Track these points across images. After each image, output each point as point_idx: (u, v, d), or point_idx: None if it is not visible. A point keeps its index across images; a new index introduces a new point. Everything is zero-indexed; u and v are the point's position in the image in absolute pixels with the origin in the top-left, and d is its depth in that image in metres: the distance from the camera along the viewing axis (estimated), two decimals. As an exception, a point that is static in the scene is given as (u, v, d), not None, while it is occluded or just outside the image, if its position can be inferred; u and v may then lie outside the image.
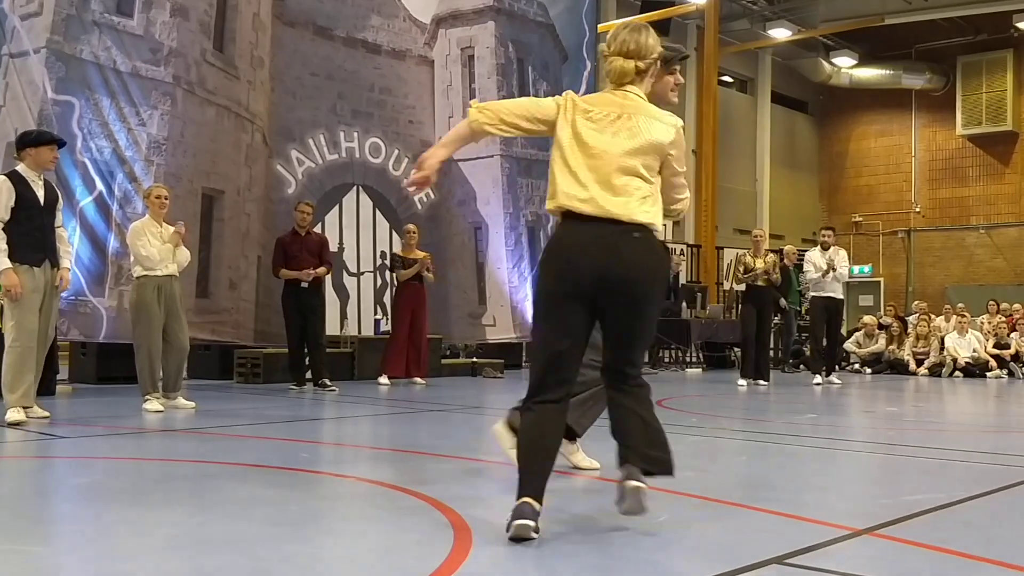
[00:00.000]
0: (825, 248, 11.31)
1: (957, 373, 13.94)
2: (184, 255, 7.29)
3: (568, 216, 3.14)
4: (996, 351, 14.43)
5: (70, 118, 9.01)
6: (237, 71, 10.50)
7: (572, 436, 4.20)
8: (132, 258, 7.23)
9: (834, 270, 11.09)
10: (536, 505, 2.93)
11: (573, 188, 3.13)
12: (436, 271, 10.67)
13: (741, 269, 11.01)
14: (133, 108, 9.44)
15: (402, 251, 10.43)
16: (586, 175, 3.13)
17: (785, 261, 13.08)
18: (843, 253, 11.48)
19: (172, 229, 7.20)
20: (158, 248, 7.07)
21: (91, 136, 9.17)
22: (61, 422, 6.22)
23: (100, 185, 9.22)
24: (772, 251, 11.41)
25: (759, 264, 10.86)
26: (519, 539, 2.89)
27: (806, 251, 12.92)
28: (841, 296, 11.52)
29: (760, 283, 10.84)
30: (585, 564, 2.74)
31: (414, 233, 10.46)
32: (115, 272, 9.28)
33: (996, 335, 14.75)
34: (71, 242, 8.94)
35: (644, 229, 3.12)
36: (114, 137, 9.31)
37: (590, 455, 4.29)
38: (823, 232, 11.72)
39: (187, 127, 9.88)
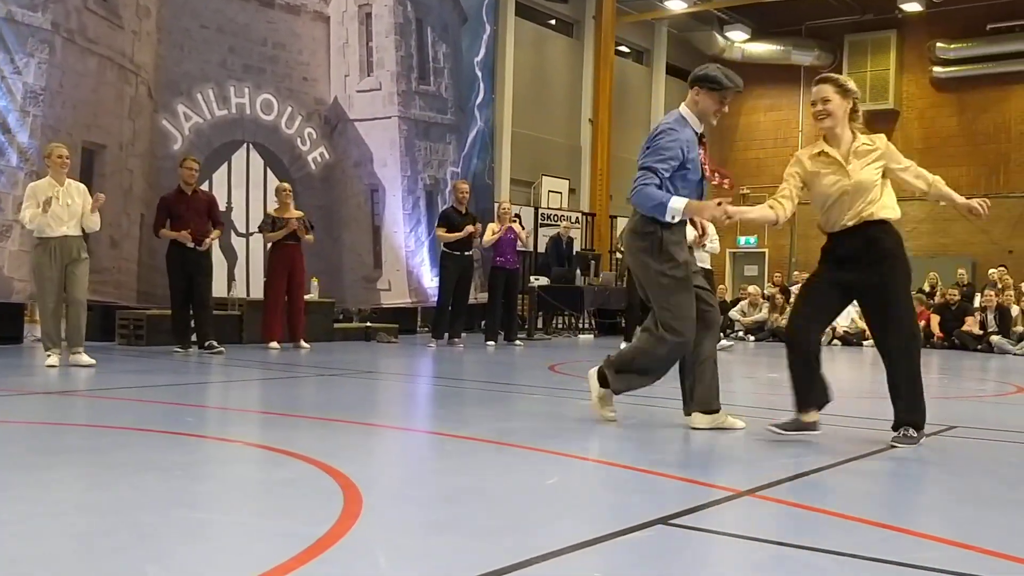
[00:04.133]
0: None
1: (836, 341, 14.52)
2: (95, 221, 7.34)
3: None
4: (871, 321, 15.08)
5: (-63, 63, 8.51)
6: (121, 20, 10.06)
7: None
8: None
9: (704, 240, 11.37)
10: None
11: None
12: (317, 232, 10.41)
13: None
14: (7, 55, 8.95)
15: (275, 211, 10.11)
16: None
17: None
18: (712, 228, 11.80)
19: (74, 187, 7.24)
20: (53, 209, 6.98)
21: (-39, 83, 8.67)
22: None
23: (-30, 135, 8.75)
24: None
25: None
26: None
27: None
28: (710, 267, 11.89)
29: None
30: (474, 527, 2.76)
31: (288, 192, 10.19)
32: (-13, 228, 8.84)
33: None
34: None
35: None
36: (-14, 85, 8.82)
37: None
38: None
39: (66, 77, 9.43)
